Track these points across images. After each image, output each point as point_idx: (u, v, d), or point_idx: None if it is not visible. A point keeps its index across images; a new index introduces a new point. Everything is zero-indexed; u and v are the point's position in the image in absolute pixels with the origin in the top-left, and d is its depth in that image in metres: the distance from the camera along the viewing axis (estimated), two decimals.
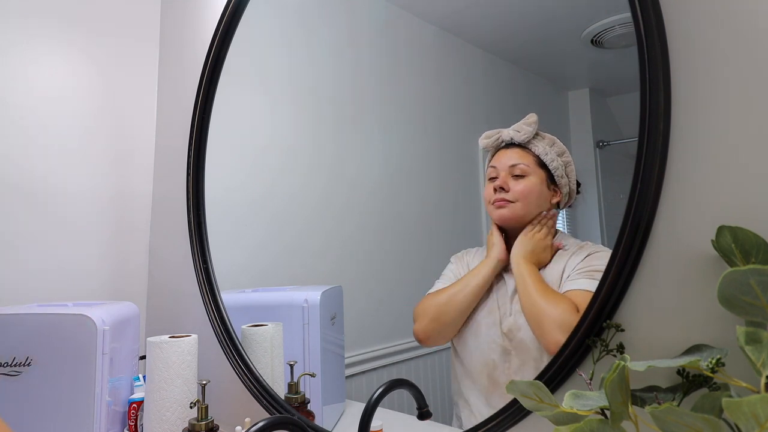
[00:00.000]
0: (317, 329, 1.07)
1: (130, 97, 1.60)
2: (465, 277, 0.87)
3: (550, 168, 0.81)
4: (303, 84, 1.29)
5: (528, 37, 0.93)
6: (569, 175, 0.81)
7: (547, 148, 0.82)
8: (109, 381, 1.06)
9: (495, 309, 0.84)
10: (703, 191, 0.60)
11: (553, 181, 0.82)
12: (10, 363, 1.03)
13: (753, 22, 0.58)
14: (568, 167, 0.81)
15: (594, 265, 0.72)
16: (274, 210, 1.30)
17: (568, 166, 0.81)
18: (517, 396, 0.55)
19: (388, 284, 1.07)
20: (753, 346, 0.45)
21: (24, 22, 1.38)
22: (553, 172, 0.81)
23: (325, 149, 1.23)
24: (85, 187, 1.48)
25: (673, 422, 0.43)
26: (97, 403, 1.02)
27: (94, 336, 1.03)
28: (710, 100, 0.60)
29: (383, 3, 1.14)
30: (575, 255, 0.77)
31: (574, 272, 0.75)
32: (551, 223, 0.81)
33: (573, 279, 0.74)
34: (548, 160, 0.81)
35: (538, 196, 0.81)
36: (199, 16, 1.49)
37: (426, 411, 0.83)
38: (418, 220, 1.05)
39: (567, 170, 0.81)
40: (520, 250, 0.80)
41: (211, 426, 0.96)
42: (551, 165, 0.81)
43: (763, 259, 0.51)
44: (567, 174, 0.81)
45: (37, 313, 1.06)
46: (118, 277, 1.53)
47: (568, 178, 0.81)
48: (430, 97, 1.05)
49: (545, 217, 0.81)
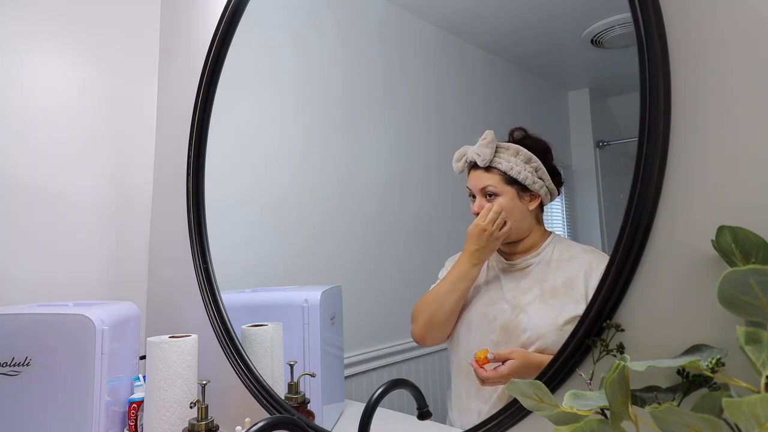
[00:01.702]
0: (317, 329, 1.07)
1: (131, 97, 1.60)
2: (448, 274, 0.88)
3: (519, 180, 0.82)
4: (302, 84, 1.29)
5: (528, 36, 0.93)
6: (542, 177, 0.82)
7: (512, 161, 0.82)
8: (108, 381, 1.06)
9: (488, 305, 0.84)
10: (703, 191, 0.60)
11: (525, 190, 0.82)
12: (9, 363, 1.03)
13: (753, 22, 0.58)
14: (538, 171, 0.82)
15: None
16: (274, 210, 1.30)
17: (539, 170, 0.82)
18: (517, 396, 0.55)
19: (388, 284, 1.07)
20: (753, 346, 0.45)
21: (24, 22, 1.38)
22: (523, 182, 0.82)
23: (322, 149, 1.23)
24: (86, 187, 1.48)
25: (673, 422, 0.43)
26: (96, 403, 1.02)
27: (93, 336, 1.03)
28: (710, 100, 0.60)
29: (383, 3, 1.14)
30: (596, 268, 0.74)
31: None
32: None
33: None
34: (515, 173, 0.82)
35: (511, 212, 0.83)
36: (198, 17, 1.49)
37: (426, 411, 0.83)
38: (418, 220, 1.05)
39: (538, 174, 0.82)
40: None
41: (211, 426, 0.96)
42: (519, 177, 0.82)
43: (763, 259, 0.51)
44: (540, 177, 0.82)
45: (36, 313, 1.06)
46: (119, 277, 1.53)
47: (543, 180, 0.82)
48: (429, 97, 1.05)
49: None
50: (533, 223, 0.83)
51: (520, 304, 0.81)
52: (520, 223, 0.83)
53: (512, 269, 0.85)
